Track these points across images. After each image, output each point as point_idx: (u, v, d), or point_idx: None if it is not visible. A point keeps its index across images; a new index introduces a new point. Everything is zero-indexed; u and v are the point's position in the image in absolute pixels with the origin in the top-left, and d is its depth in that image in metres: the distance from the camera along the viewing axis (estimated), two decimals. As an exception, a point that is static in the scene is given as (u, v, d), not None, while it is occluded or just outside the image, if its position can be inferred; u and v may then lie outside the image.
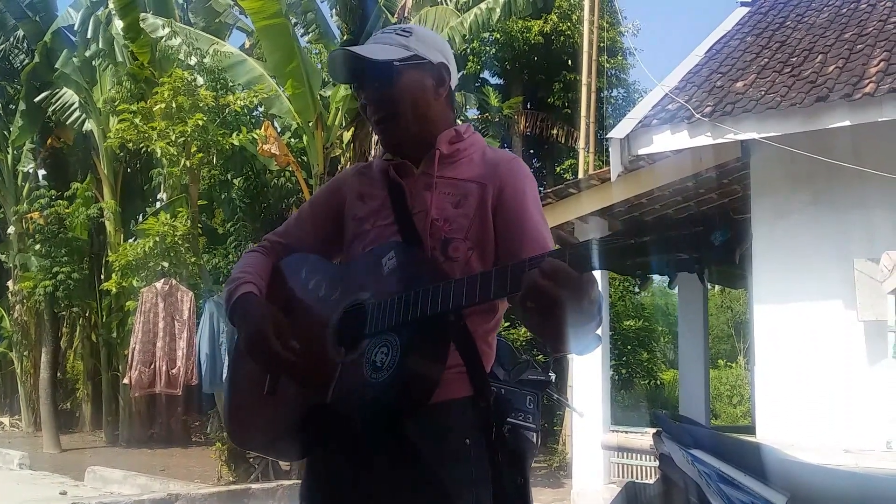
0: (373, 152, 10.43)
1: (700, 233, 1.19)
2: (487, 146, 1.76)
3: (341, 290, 1.63)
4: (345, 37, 10.34)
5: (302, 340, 1.58)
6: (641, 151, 6.73)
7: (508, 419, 1.67)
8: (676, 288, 10.74)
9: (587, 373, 7.76)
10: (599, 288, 1.40)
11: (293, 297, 1.70)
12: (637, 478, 7.59)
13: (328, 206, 1.80)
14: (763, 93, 6.34)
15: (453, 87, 1.75)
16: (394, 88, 1.65)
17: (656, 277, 1.30)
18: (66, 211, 12.94)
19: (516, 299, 1.35)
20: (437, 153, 1.67)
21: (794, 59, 6.85)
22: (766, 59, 7.11)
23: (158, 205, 12.93)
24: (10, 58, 15.33)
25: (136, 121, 10.56)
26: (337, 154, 10.41)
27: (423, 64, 1.67)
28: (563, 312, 1.31)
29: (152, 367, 9.45)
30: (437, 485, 1.52)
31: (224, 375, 9.10)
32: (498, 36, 15.24)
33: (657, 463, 2.54)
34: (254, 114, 12.33)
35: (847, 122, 5.82)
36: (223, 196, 12.39)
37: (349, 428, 1.54)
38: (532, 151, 17.33)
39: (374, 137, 10.28)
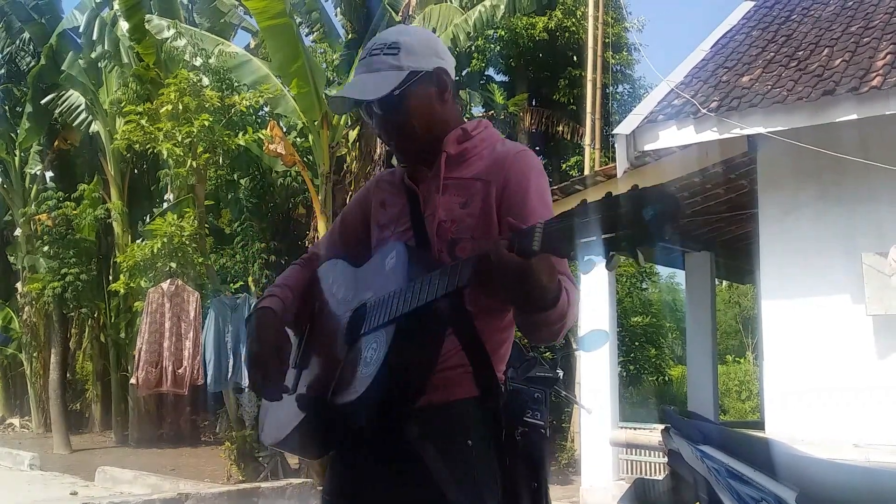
0: (378, 150, 10.46)
1: (630, 210, 1.16)
2: (501, 139, 1.74)
3: (354, 292, 1.67)
4: (349, 36, 10.36)
5: (321, 345, 1.64)
6: (647, 147, 6.72)
7: (525, 419, 1.65)
8: (683, 284, 10.71)
9: (595, 369, 7.76)
10: (566, 279, 1.40)
11: (322, 301, 1.76)
12: (646, 474, 7.58)
13: (357, 215, 1.85)
14: (769, 87, 6.32)
15: (453, 81, 1.74)
16: (399, 114, 1.65)
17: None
18: (74, 212, 12.97)
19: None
20: (444, 155, 1.67)
21: (800, 53, 6.83)
22: (772, 54, 7.09)
23: (165, 205, 12.95)
24: (17, 60, 15.37)
25: (143, 122, 10.59)
26: (343, 153, 10.42)
27: (421, 77, 1.65)
28: (514, 301, 1.33)
29: (159, 366, 9.48)
30: (436, 486, 1.51)
31: (229, 375, 9.14)
32: (502, 33, 15.21)
33: (666, 459, 2.54)
34: (259, 114, 12.34)
35: (854, 116, 5.80)
36: (230, 196, 12.41)
37: (347, 424, 1.58)
38: (537, 148, 17.25)
39: (380, 136, 10.31)
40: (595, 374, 7.79)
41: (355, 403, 1.49)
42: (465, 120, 1.77)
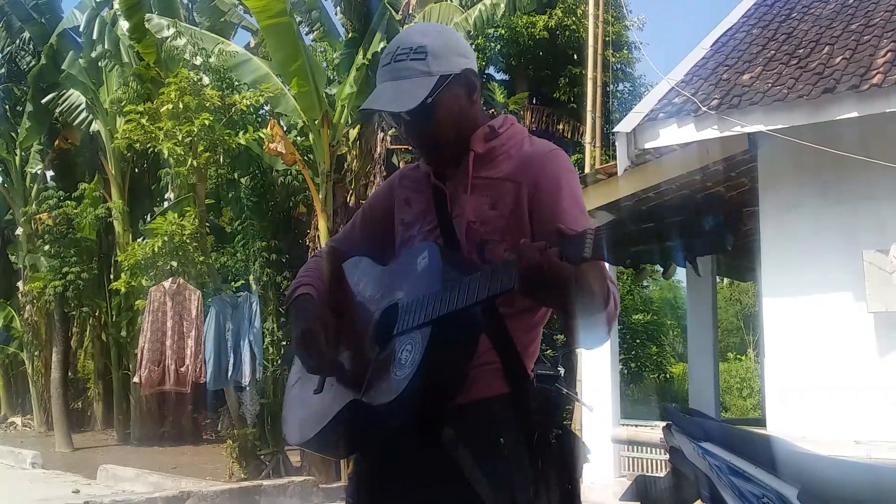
0: (379, 149, 10.46)
1: (691, 219, 1.15)
2: (528, 136, 1.70)
3: (382, 292, 1.66)
4: (349, 34, 10.34)
5: (350, 340, 1.62)
6: (648, 145, 6.72)
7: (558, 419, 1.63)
8: (684, 281, 10.72)
9: (596, 367, 7.77)
10: (609, 282, 1.38)
11: (348, 298, 1.73)
12: (647, 471, 7.59)
13: (379, 211, 1.82)
14: (770, 85, 6.32)
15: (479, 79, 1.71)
16: (430, 121, 1.61)
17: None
18: (75, 211, 12.99)
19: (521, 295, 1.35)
20: (472, 154, 1.64)
21: (800, 51, 6.82)
22: (773, 51, 7.08)
23: (166, 204, 12.96)
24: (17, 60, 15.37)
25: (143, 121, 10.59)
26: (343, 151, 10.42)
27: (450, 81, 1.60)
28: (563, 307, 1.30)
29: (161, 365, 9.49)
30: (468, 484, 1.49)
31: (229, 373, 9.15)
32: (503, 32, 15.22)
33: (667, 456, 2.55)
34: (260, 112, 12.34)
35: (854, 114, 5.80)
36: (230, 195, 12.40)
37: (380, 425, 1.55)
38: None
39: (381, 135, 10.31)
40: (596, 372, 7.80)
41: (391, 405, 1.47)
42: (490, 116, 1.73)
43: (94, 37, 13.27)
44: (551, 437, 1.57)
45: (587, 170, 10.03)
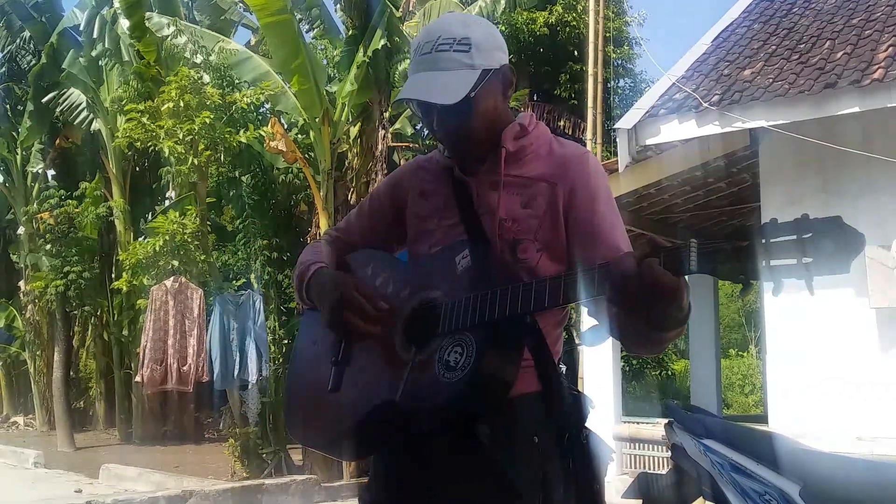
0: (380, 147, 10.44)
1: (809, 238, 1.12)
2: (553, 137, 1.67)
3: (410, 289, 1.59)
4: (349, 32, 10.32)
5: (373, 337, 1.55)
6: (649, 141, 6.71)
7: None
8: (686, 278, 10.71)
9: (598, 364, 7.77)
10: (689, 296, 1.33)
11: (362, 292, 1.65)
12: (649, 468, 7.60)
13: (388, 202, 1.76)
14: (771, 80, 6.31)
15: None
16: (467, 116, 1.56)
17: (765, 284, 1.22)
18: (76, 210, 12.99)
19: (604, 299, 1.30)
20: (503, 151, 1.60)
21: (801, 46, 6.81)
22: (774, 47, 7.07)
23: (167, 203, 12.95)
24: (17, 59, 15.37)
25: (144, 120, 10.59)
26: (344, 149, 10.41)
27: (491, 76, 1.56)
28: (651, 315, 1.25)
29: (163, 364, 9.49)
30: (503, 483, 1.47)
31: (236, 372, 9.15)
32: (503, 28, 15.18)
33: (669, 453, 2.54)
34: (260, 111, 12.34)
35: (856, 109, 5.79)
36: (231, 193, 12.40)
37: (419, 427, 1.49)
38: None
39: (382, 132, 10.29)
40: (598, 369, 7.80)
41: (436, 408, 1.43)
42: (516, 113, 1.69)
43: (95, 35, 13.26)
44: (582, 437, 1.55)
45: (588, 166, 10.02)
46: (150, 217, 13.57)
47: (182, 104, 9.99)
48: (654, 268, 1.21)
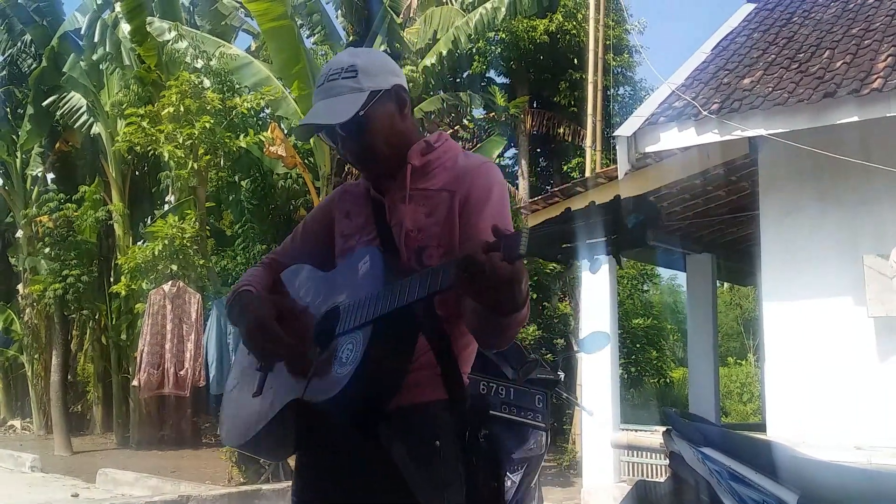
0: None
1: (615, 217, 1.24)
2: (462, 152, 1.81)
3: (323, 296, 1.72)
4: (350, 38, 10.37)
5: (291, 344, 1.65)
6: (649, 149, 6.72)
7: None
8: (684, 286, 10.71)
9: (596, 371, 7.75)
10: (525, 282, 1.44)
11: (285, 304, 1.77)
12: (647, 476, 7.58)
13: (319, 225, 1.90)
14: (770, 89, 6.32)
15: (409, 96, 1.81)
16: (364, 135, 1.70)
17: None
18: (75, 214, 12.98)
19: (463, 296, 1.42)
20: (409, 167, 1.73)
21: (801, 55, 6.83)
22: (773, 56, 7.09)
23: (167, 207, 12.95)
24: (18, 62, 15.39)
25: (144, 124, 10.61)
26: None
27: (381, 96, 1.69)
28: (496, 303, 1.36)
29: (160, 368, 9.48)
30: (406, 486, 1.56)
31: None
32: (503, 35, 15.22)
33: (668, 461, 2.54)
34: (260, 116, 12.36)
35: (855, 118, 5.80)
36: (231, 198, 12.42)
37: (322, 425, 1.61)
38: (539, 150, 17.30)
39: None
40: (596, 376, 7.78)
41: (331, 402, 1.51)
42: (426, 133, 1.83)
43: (96, 39, 13.27)
44: (480, 436, 1.67)
45: (588, 173, 10.03)
46: (149, 221, 13.58)
47: (182, 109, 10.00)
48: (492, 255, 1.32)
